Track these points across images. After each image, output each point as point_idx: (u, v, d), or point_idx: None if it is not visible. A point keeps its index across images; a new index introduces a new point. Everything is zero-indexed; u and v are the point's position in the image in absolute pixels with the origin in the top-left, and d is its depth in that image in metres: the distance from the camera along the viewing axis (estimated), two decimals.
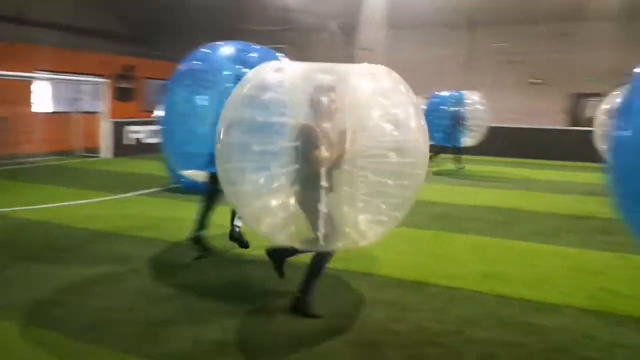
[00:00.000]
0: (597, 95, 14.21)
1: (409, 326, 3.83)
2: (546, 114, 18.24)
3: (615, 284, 4.82)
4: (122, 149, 14.89)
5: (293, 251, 4.01)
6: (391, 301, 4.28)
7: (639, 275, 5.15)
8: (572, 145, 15.41)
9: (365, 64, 3.69)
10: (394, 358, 3.39)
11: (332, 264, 5.18)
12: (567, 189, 10.58)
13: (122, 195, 8.74)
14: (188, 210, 7.75)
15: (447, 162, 13.31)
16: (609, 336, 3.75)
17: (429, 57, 20.66)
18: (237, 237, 5.46)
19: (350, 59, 22.44)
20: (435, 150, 12.58)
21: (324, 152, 3.33)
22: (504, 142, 17.03)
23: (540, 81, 19.39)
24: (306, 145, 3.35)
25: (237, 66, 4.91)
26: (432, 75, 20.89)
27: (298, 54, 23.88)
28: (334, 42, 22.26)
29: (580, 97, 18.70)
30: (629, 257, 5.60)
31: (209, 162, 4.31)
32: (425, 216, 7.40)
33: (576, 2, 17.01)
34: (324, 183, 3.32)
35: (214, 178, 4.66)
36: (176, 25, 21.34)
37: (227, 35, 5.85)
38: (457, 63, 20.55)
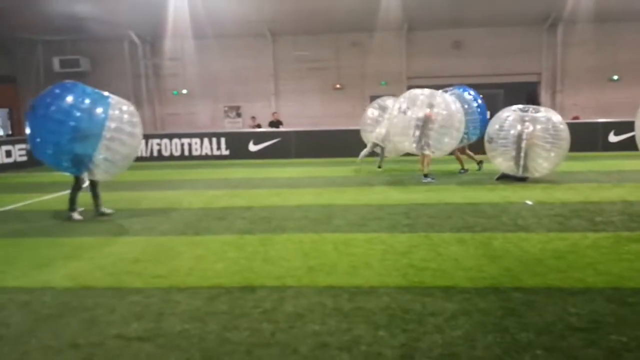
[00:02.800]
0: (392, 96, 15.55)
1: (243, 332, 3.84)
2: (349, 116, 19.57)
3: (420, 261, 5.40)
4: None
5: None
6: (224, 311, 4.25)
7: (438, 251, 5.80)
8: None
9: None
10: None
11: (159, 283, 4.98)
12: (375, 181, 11.50)
13: None
14: None
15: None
16: (421, 307, 4.18)
17: (236, 66, 20.91)
18: None
19: (155, 69, 21.66)
20: None
21: None
22: (309, 144, 18.11)
23: (339, 86, 20.92)
24: None
25: None
26: (238, 83, 21.18)
27: (95, 65, 22.09)
28: (136, 52, 21.36)
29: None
30: (429, 236, 6.38)
31: None
32: (248, 221, 7.57)
33: (365, 14, 18.57)
34: None
35: None
36: None
37: (4, 45, 5.21)
38: (262, 71, 21.07)
